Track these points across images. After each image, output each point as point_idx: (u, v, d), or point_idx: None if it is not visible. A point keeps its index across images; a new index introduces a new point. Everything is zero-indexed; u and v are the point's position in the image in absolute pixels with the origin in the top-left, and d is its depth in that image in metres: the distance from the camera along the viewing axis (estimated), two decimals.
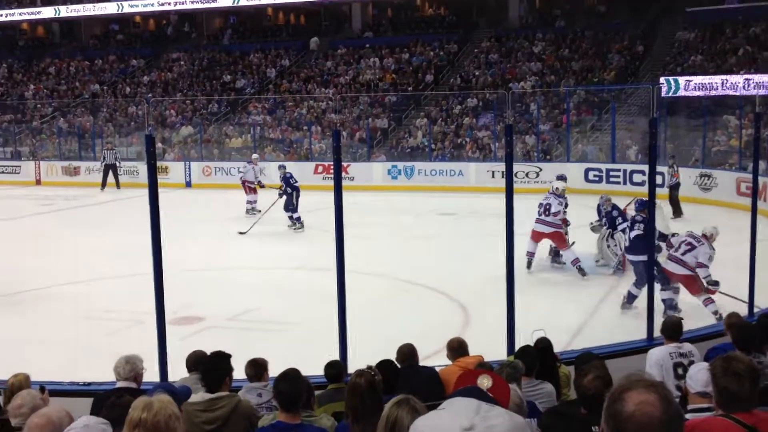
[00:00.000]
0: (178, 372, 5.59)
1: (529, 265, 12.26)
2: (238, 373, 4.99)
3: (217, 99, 33.62)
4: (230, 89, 34.52)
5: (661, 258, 9.83)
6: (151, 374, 5.35)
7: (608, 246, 12.17)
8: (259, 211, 17.77)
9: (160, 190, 5.57)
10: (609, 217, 12.04)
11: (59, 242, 15.77)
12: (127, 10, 38.58)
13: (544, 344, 5.75)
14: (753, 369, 3.16)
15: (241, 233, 15.94)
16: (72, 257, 14.20)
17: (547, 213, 12.13)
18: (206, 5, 37.47)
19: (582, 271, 11.90)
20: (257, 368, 5.36)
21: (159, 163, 21.36)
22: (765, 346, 5.63)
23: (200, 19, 40.28)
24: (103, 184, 24.98)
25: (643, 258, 9.34)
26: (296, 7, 38.20)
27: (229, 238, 15.80)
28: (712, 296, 9.29)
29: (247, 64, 35.99)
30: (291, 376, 4.17)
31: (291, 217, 16.32)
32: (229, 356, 4.78)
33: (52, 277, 12.32)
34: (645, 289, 7.79)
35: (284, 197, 16.35)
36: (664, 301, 9.45)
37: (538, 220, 12.18)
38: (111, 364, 4.87)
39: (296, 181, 16.55)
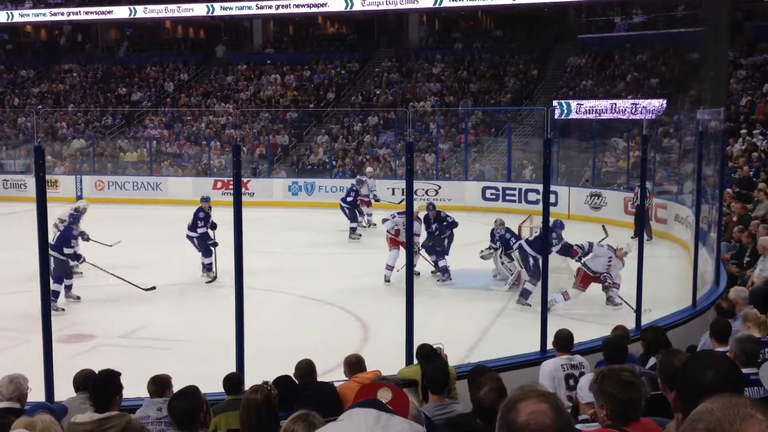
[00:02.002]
0: (65, 391, 5.34)
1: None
2: (128, 391, 4.81)
3: (112, 111, 32.63)
4: (125, 102, 33.58)
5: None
6: (37, 394, 5.11)
7: (503, 263, 12.59)
8: (375, 224, 17.80)
9: (49, 204, 5.35)
10: (503, 240, 12.54)
11: None
12: (17, 19, 37.11)
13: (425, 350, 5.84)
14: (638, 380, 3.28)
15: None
16: None
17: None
18: (101, 17, 36.39)
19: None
20: (159, 384, 5.17)
21: (48, 177, 20.46)
22: (649, 358, 5.89)
23: (95, 31, 39.03)
24: None
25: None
26: (195, 21, 37.54)
27: (121, 252, 15.22)
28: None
29: (143, 77, 35.11)
30: (188, 393, 4.04)
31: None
32: (118, 374, 4.61)
33: None
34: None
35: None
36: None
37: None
38: None
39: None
